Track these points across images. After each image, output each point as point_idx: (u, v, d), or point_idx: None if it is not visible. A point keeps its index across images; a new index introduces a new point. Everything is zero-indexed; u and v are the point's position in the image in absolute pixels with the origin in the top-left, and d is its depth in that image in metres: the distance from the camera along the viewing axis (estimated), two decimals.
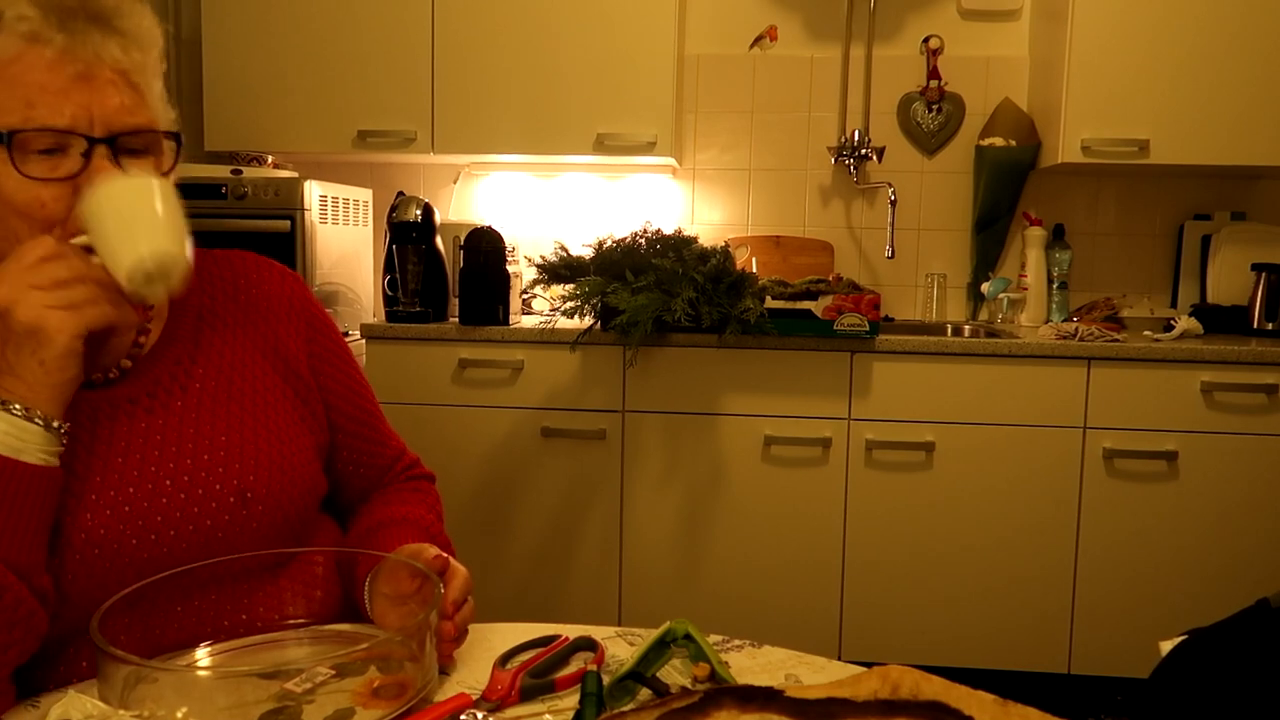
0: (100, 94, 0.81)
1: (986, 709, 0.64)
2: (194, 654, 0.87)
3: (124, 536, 0.86)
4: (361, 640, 0.89)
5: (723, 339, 2.38)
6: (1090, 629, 2.44)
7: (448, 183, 3.12)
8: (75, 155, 0.81)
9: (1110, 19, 2.57)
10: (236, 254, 1.05)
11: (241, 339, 0.99)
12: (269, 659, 0.87)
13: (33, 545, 0.78)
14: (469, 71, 2.72)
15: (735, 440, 2.45)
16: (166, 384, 0.92)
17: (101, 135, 0.81)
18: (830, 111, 3.02)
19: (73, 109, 0.80)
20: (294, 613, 0.95)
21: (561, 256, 2.43)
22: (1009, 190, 2.92)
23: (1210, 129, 2.58)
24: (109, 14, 0.83)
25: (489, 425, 2.49)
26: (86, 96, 0.80)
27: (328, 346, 1.06)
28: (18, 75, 0.79)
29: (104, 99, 0.81)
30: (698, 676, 0.83)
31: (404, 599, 0.88)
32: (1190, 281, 2.94)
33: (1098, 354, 2.36)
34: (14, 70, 0.79)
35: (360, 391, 1.09)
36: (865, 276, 3.05)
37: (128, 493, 0.87)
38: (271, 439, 0.96)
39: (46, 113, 0.79)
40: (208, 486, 0.90)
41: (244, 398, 0.96)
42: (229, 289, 1.01)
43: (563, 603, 2.53)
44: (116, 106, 0.82)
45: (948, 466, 2.42)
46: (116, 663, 0.70)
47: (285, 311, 1.03)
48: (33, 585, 0.78)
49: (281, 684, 0.75)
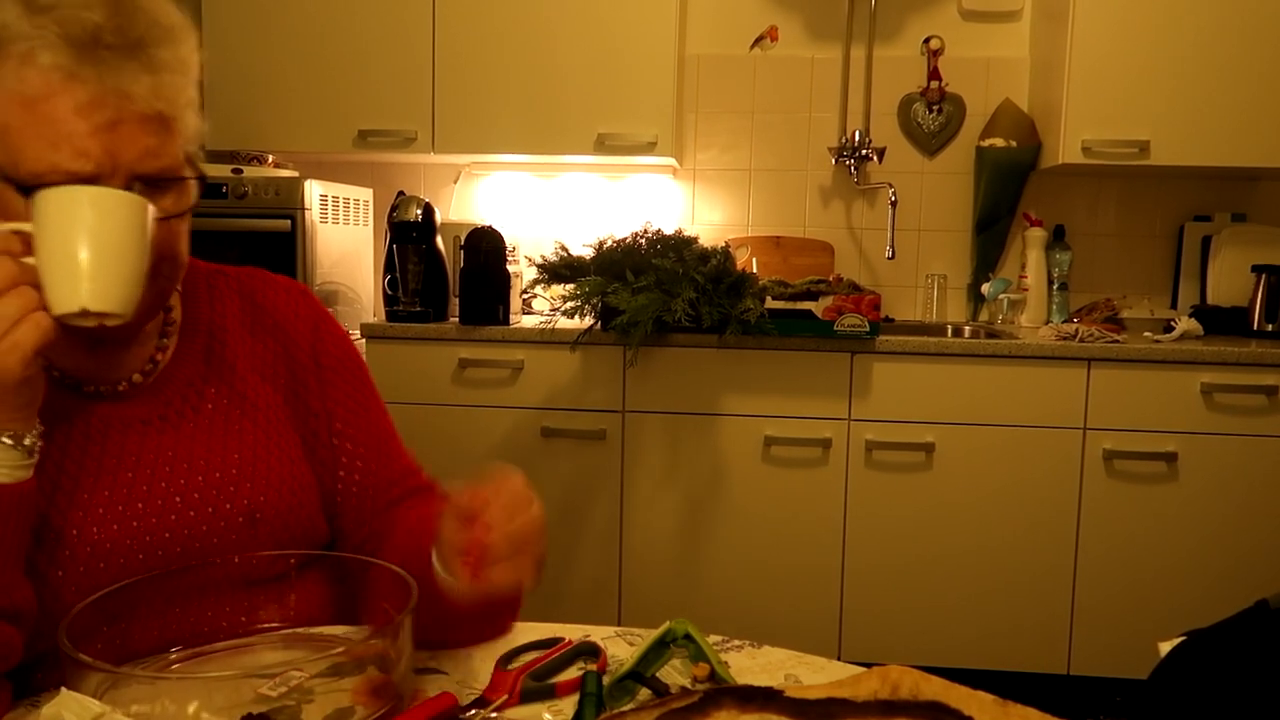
0: (128, 139, 0.78)
1: (986, 709, 0.64)
2: (166, 658, 0.86)
3: (130, 551, 0.85)
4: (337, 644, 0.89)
5: (723, 339, 2.38)
6: (1090, 630, 2.44)
7: (448, 182, 3.13)
8: None
9: (1111, 20, 2.57)
10: (246, 271, 1.04)
11: (252, 358, 0.99)
12: (241, 663, 0.86)
13: (2, 565, 0.77)
14: (470, 71, 2.72)
15: (735, 441, 2.45)
16: (178, 405, 0.93)
17: (122, 183, 0.79)
18: (831, 112, 3.02)
19: (97, 155, 0.77)
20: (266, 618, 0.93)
21: (562, 256, 2.43)
22: (1009, 191, 2.92)
23: (1211, 130, 2.58)
24: (145, 42, 0.79)
25: (489, 425, 2.49)
26: (113, 143, 0.78)
27: (337, 361, 1.04)
28: (46, 114, 0.76)
29: (131, 144, 0.79)
30: (697, 676, 0.83)
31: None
32: (1190, 283, 2.94)
33: (1098, 355, 2.36)
34: (44, 109, 0.76)
35: (369, 406, 1.05)
36: (865, 277, 3.05)
37: (136, 508, 0.87)
38: (283, 458, 0.96)
39: (70, 158, 0.76)
40: (217, 505, 0.91)
41: (256, 414, 0.96)
42: (239, 307, 1.01)
43: (562, 603, 2.53)
44: (141, 151, 0.79)
45: (948, 467, 2.42)
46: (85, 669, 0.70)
47: (294, 330, 1.02)
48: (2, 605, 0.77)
49: (255, 688, 0.75)
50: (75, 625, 0.75)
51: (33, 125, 0.76)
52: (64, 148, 0.76)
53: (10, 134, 0.76)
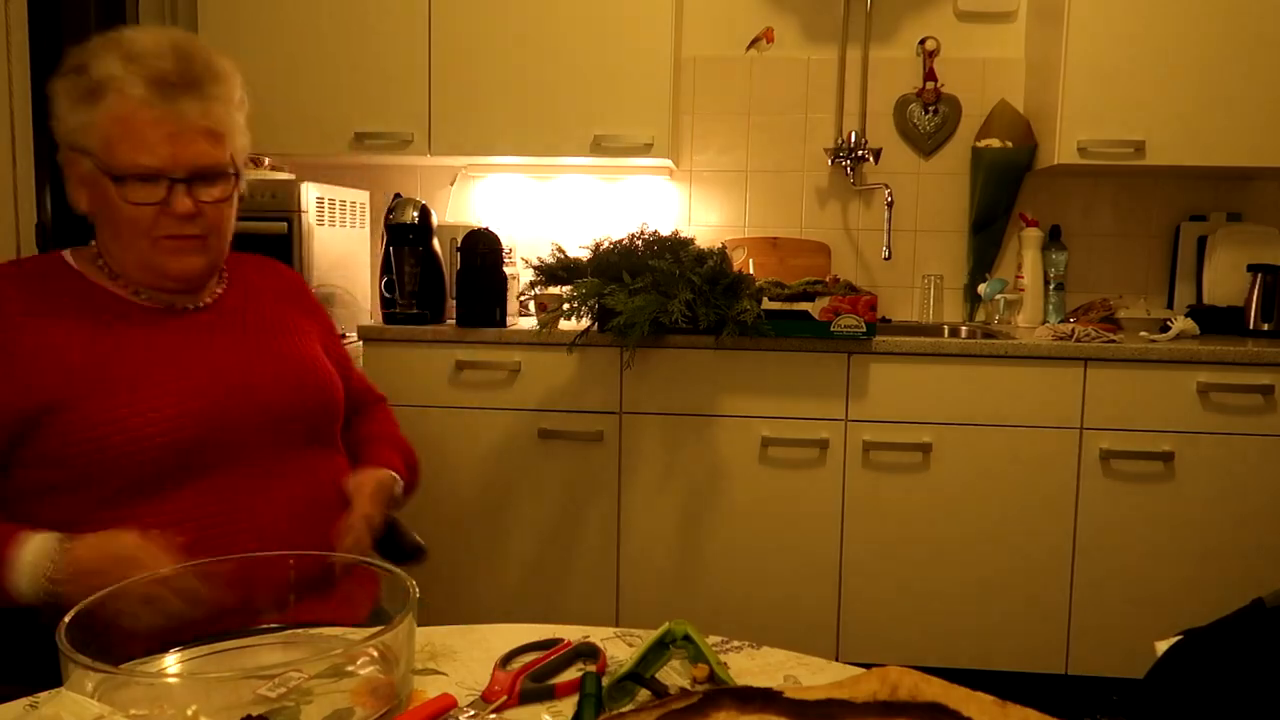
0: (187, 145, 1.18)
1: (986, 711, 0.65)
2: (163, 660, 0.87)
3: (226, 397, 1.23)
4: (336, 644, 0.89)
5: (720, 340, 2.38)
6: (1087, 629, 2.44)
7: (445, 184, 3.12)
8: (163, 187, 1.18)
9: (1106, 21, 2.58)
10: (258, 257, 1.47)
11: (276, 302, 1.40)
12: (240, 664, 0.87)
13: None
14: (466, 73, 2.72)
15: (732, 441, 2.45)
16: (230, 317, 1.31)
17: (183, 175, 1.18)
18: (827, 113, 3.02)
19: (164, 155, 1.17)
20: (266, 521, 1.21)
21: (559, 258, 2.43)
22: (1005, 191, 2.92)
23: (1206, 130, 2.59)
24: (199, 82, 1.19)
25: (486, 427, 2.49)
26: (176, 148, 1.17)
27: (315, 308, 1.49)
28: (132, 128, 1.16)
29: (187, 148, 1.18)
30: (697, 677, 0.83)
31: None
32: (1186, 282, 2.95)
33: (1094, 355, 2.37)
34: (131, 124, 1.16)
35: (338, 342, 1.50)
36: (862, 278, 3.06)
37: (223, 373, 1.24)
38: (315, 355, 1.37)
39: (147, 158, 1.16)
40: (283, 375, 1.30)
41: (287, 332, 1.36)
42: (258, 274, 1.42)
43: (560, 604, 2.53)
44: (195, 155, 1.19)
45: (945, 467, 2.42)
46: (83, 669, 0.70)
47: (289, 290, 1.45)
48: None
49: (254, 689, 0.75)
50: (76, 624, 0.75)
51: (124, 136, 1.16)
52: (143, 150, 1.16)
53: (110, 142, 1.16)
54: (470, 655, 0.88)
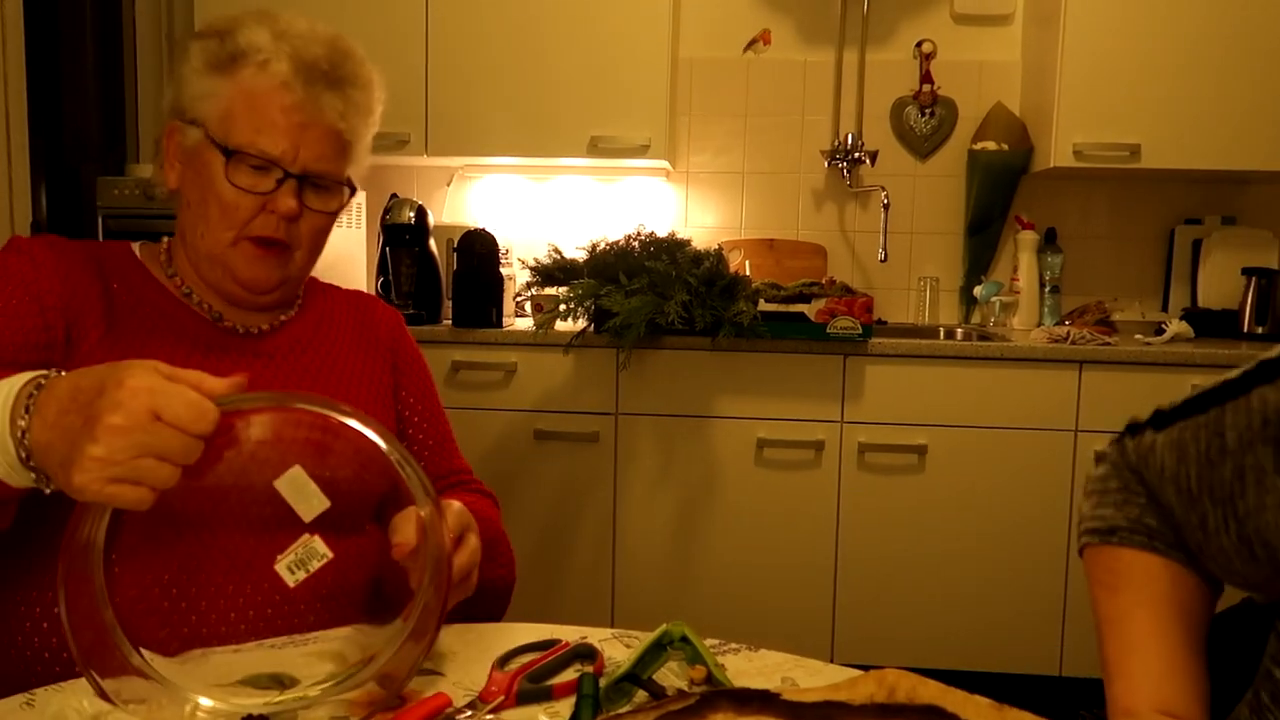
0: (311, 142, 1.05)
1: (983, 713, 0.65)
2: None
3: None
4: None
5: (716, 342, 2.38)
6: (1082, 630, 2.44)
7: (441, 185, 3.12)
8: (273, 179, 1.04)
9: (1102, 24, 2.59)
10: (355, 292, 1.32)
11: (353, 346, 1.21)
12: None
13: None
14: (462, 74, 2.72)
15: (728, 443, 2.45)
16: (284, 351, 1.13)
17: (297, 172, 1.04)
18: (823, 115, 3.03)
19: (285, 145, 1.03)
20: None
21: (555, 259, 2.43)
22: (1001, 194, 2.93)
23: (1201, 134, 2.60)
24: (345, 81, 1.08)
25: (482, 428, 2.49)
26: (300, 140, 1.04)
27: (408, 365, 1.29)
28: (261, 106, 1.02)
29: (311, 145, 1.05)
30: (694, 679, 0.83)
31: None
32: (1181, 285, 2.95)
33: (1089, 357, 2.37)
34: (261, 101, 1.02)
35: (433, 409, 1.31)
36: (858, 280, 3.06)
37: None
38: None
39: (267, 142, 1.02)
40: None
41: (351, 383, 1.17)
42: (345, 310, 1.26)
43: (556, 605, 2.53)
44: (317, 154, 1.05)
45: (940, 469, 2.43)
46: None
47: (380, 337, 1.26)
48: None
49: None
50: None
51: (249, 112, 1.02)
52: (266, 132, 1.02)
53: (232, 115, 1.02)
54: (467, 655, 0.88)
